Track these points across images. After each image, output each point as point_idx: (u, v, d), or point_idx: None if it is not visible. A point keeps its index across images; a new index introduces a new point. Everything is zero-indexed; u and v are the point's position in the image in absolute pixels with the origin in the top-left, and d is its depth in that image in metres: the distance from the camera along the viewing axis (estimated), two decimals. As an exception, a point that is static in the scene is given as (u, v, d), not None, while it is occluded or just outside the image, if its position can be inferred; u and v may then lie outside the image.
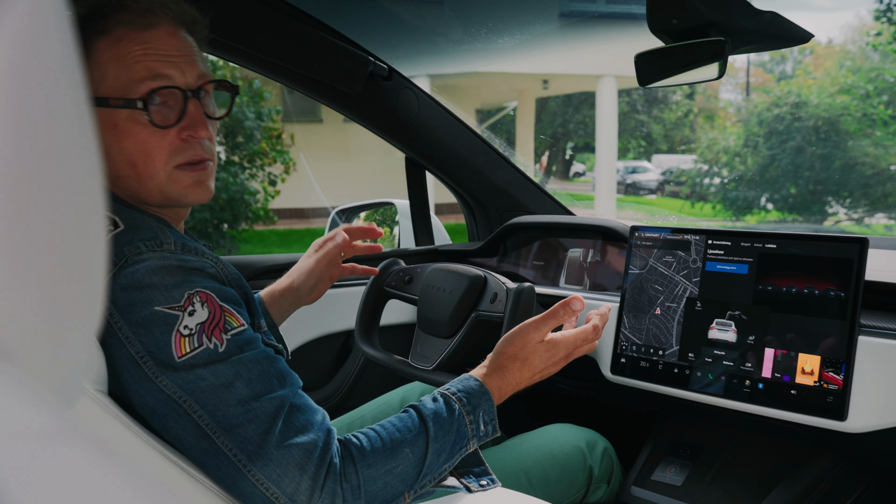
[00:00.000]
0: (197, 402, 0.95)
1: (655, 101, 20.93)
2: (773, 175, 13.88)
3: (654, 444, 1.74)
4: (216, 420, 0.95)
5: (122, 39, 1.06)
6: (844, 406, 1.32)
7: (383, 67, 2.10)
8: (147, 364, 0.95)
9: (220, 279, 1.03)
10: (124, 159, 1.08)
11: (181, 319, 0.96)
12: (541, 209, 2.45)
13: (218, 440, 0.95)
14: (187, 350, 0.95)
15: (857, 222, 13.03)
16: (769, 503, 1.50)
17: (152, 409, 0.96)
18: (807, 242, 1.43)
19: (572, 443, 1.58)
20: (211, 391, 0.95)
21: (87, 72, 1.03)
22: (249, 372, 0.98)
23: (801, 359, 1.39)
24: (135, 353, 0.95)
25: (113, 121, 1.06)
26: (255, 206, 9.63)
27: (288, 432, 0.97)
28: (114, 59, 1.06)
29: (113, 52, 1.06)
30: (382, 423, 1.09)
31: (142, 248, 0.98)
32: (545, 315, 1.25)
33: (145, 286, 0.96)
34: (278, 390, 0.99)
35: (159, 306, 0.96)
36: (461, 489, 1.18)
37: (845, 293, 1.36)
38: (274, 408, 0.97)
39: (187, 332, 0.96)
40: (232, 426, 0.95)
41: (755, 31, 1.32)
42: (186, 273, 0.99)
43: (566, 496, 1.54)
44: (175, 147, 1.10)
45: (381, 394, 1.87)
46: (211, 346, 0.96)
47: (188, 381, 0.95)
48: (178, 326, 0.96)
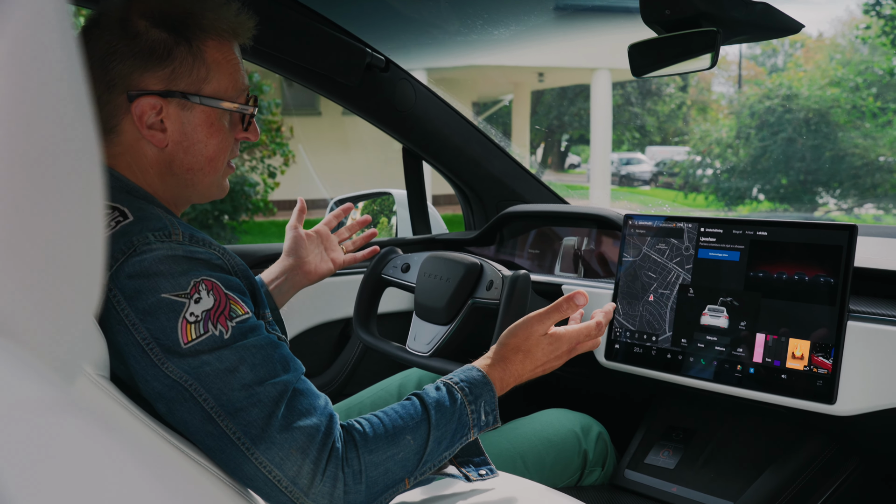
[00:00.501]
0: (202, 385, 0.97)
1: (649, 93, 20.95)
2: (764, 166, 13.94)
3: (648, 429, 1.77)
4: (220, 404, 0.97)
5: (224, 45, 1.14)
6: (834, 390, 1.35)
7: (380, 59, 2.12)
8: (153, 350, 0.97)
9: (226, 269, 1.05)
10: (207, 154, 1.16)
11: (187, 307, 0.98)
12: (536, 198, 2.47)
13: (222, 423, 0.97)
14: (193, 337, 0.97)
15: (847, 212, 13.11)
16: (760, 484, 1.53)
17: (158, 393, 0.98)
18: (797, 230, 1.46)
19: (567, 427, 1.61)
20: (216, 376, 0.97)
21: (192, 67, 1.11)
22: (253, 357, 0.99)
23: (792, 344, 1.42)
24: (141, 339, 0.97)
25: (209, 119, 1.14)
26: (255, 198, 9.63)
27: (291, 416, 0.99)
28: (222, 63, 1.13)
29: (220, 55, 1.13)
30: (385, 409, 1.11)
31: (150, 238, 1.00)
32: (549, 308, 1.26)
33: (152, 274, 0.98)
34: (282, 375, 1.00)
35: (166, 294, 0.97)
36: (460, 477, 1.21)
37: (835, 279, 1.39)
38: (277, 392, 0.99)
39: (193, 319, 0.98)
40: (236, 410, 0.97)
41: (746, 22, 1.35)
42: (193, 262, 1.01)
43: (561, 479, 1.57)
44: (231, 147, 1.20)
45: (379, 380, 1.89)
46: (216, 333, 0.98)
47: (194, 367, 0.97)
48: (184, 313, 0.97)
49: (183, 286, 0.98)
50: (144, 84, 1.09)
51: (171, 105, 1.10)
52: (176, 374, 0.97)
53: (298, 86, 2.18)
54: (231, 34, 1.15)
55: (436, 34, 2.62)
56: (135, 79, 1.08)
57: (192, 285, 0.99)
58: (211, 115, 1.14)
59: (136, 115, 1.09)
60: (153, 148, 1.12)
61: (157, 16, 1.08)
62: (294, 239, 1.62)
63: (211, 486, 0.98)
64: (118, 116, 1.10)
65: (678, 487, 1.61)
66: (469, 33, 2.48)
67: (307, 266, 1.62)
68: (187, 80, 1.10)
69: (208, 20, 1.11)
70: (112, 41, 1.07)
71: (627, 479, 1.67)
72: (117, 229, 1.01)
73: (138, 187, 1.12)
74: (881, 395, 1.33)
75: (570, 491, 1.49)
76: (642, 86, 20.33)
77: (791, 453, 1.56)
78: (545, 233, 2.19)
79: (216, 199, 1.24)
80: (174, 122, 1.11)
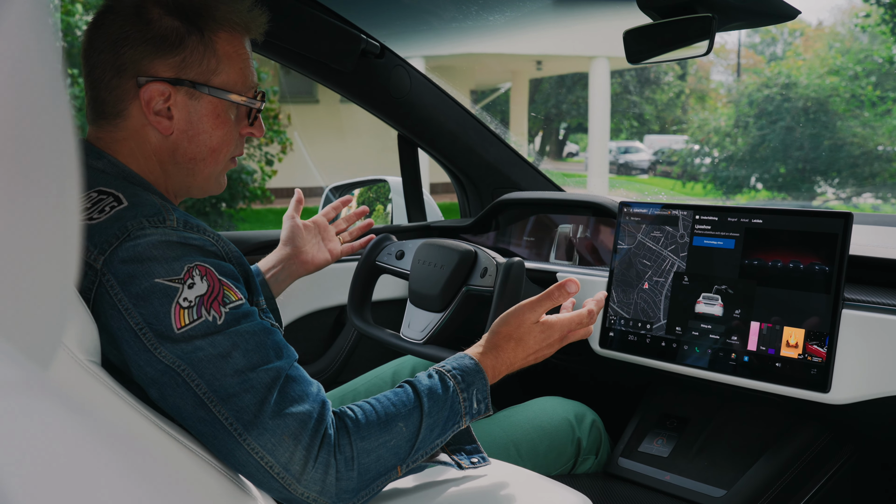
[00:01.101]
0: (195, 371, 0.97)
1: (647, 82, 20.90)
2: (762, 155, 13.93)
3: (642, 417, 1.77)
4: (213, 389, 0.97)
5: (235, 38, 1.15)
6: (828, 378, 1.35)
7: (375, 45, 2.11)
8: (146, 335, 0.97)
9: (221, 255, 1.05)
10: (211, 145, 1.17)
11: (181, 292, 0.98)
12: (531, 186, 2.47)
13: (214, 409, 0.97)
14: (186, 322, 0.97)
15: (845, 201, 13.10)
16: (754, 472, 1.53)
17: (151, 378, 0.98)
18: (792, 217, 1.45)
19: (561, 415, 1.61)
20: (209, 361, 0.97)
21: (202, 57, 1.12)
22: (246, 343, 0.99)
23: (786, 332, 1.41)
24: (134, 324, 0.97)
25: (216, 110, 1.15)
26: (253, 186, 9.61)
27: (283, 402, 0.99)
28: (233, 56, 1.15)
29: (231, 48, 1.15)
30: (377, 396, 1.11)
31: (145, 223, 1.00)
32: (541, 296, 1.26)
33: (146, 259, 0.98)
34: (274, 361, 1.00)
35: (159, 279, 0.97)
36: (452, 465, 1.21)
37: (830, 267, 1.38)
38: (270, 378, 0.99)
39: (186, 304, 0.97)
40: (228, 395, 0.97)
41: (742, 8, 1.34)
42: (187, 248, 1.00)
43: (555, 467, 1.57)
44: (236, 142, 1.21)
45: (373, 367, 1.89)
46: (210, 319, 0.98)
47: (187, 352, 0.97)
48: (177, 298, 0.97)
49: (176, 271, 0.98)
50: (154, 70, 1.10)
51: (179, 93, 1.12)
52: (169, 359, 0.96)
53: (296, 73, 2.17)
54: (243, 28, 1.16)
55: (432, 21, 2.60)
56: (145, 65, 1.10)
57: (185, 270, 0.98)
58: (218, 107, 1.15)
59: (144, 101, 1.10)
60: (158, 135, 1.13)
61: (172, 4, 1.10)
62: (291, 229, 1.63)
63: (202, 473, 0.98)
64: (126, 101, 1.11)
65: (672, 475, 1.61)
66: (464, 19, 2.46)
67: (304, 256, 1.63)
68: (197, 69, 1.12)
69: (221, 12, 1.13)
70: (125, 27, 1.09)
71: (621, 467, 1.67)
72: (111, 214, 1.01)
73: (136, 174, 1.12)
74: (875, 383, 1.33)
75: (563, 479, 1.49)
76: (641, 74, 20.29)
77: (785, 442, 1.56)
78: (541, 220, 2.19)
79: (213, 194, 1.25)
80: (181, 110, 1.13)
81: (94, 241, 0.99)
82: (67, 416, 0.28)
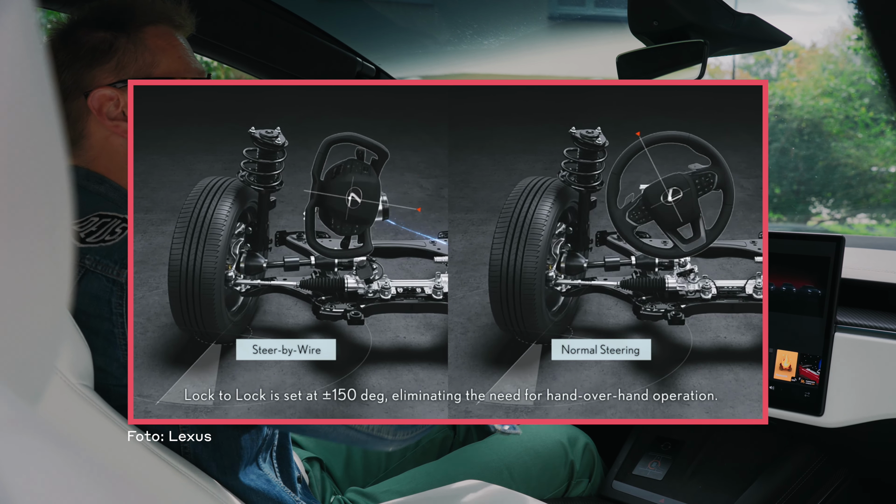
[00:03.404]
0: None
1: (642, 102, 21.00)
2: (758, 176, 13.95)
3: (636, 439, 1.77)
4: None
5: (161, 30, 1.15)
6: (821, 401, 1.35)
7: (370, 68, 2.12)
8: None
9: None
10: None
11: None
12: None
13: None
14: None
15: (840, 222, 13.14)
16: (749, 496, 1.53)
17: None
18: (785, 241, 1.46)
19: (554, 438, 1.60)
20: None
21: (135, 54, 1.13)
22: None
23: (780, 355, 1.41)
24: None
25: None
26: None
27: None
28: (166, 48, 1.15)
29: (162, 41, 1.15)
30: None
31: None
32: None
33: None
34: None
35: None
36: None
37: (822, 291, 1.39)
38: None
39: None
40: None
41: (734, 34, 1.35)
42: None
43: (548, 490, 1.57)
44: None
45: None
46: None
47: None
48: None
49: None
50: (97, 82, 1.11)
51: (125, 94, 1.12)
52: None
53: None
54: (166, 19, 1.16)
55: (427, 44, 2.62)
56: (86, 80, 1.11)
57: None
58: None
59: (95, 109, 1.11)
60: (122, 140, 1.13)
61: (93, 20, 1.12)
62: None
63: (193, 496, 0.97)
64: (82, 120, 1.12)
65: (666, 499, 1.61)
66: (459, 43, 2.48)
67: None
68: (134, 66, 1.13)
69: (139, 9, 1.14)
70: (58, 55, 1.11)
71: (615, 491, 1.67)
72: (125, 235, 1.01)
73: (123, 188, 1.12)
74: (869, 406, 1.33)
75: (556, 502, 1.49)
76: (636, 95, 20.36)
77: (779, 465, 1.56)
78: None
79: None
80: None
81: (114, 258, 0.99)
82: (58, 452, 0.28)
